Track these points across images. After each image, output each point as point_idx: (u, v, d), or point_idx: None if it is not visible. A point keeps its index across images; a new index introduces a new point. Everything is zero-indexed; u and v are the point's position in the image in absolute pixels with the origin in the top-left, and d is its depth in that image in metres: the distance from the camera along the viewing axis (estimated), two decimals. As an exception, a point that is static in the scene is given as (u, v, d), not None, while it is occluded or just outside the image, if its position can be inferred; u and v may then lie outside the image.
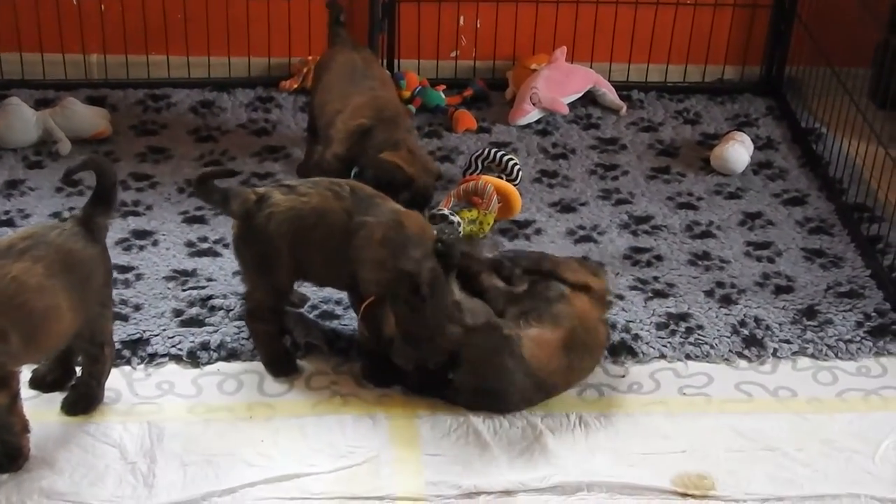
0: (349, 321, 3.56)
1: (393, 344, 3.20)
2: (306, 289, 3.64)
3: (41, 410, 3.08)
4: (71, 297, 2.92)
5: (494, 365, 3.19)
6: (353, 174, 3.87)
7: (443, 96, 4.84)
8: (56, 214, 4.01)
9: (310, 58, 4.87)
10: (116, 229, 3.91)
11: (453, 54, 5.05)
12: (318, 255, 3.27)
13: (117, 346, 3.34)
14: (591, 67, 4.95)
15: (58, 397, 3.20)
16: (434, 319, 3.13)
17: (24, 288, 2.82)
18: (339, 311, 3.60)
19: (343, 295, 3.58)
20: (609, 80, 4.94)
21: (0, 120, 4.38)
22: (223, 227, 3.99)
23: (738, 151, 4.47)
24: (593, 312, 3.35)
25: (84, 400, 3.16)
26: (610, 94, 4.90)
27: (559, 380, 3.27)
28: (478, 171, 4.19)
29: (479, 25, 5.01)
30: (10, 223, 3.96)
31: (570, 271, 3.41)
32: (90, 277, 3.00)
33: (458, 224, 3.88)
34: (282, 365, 3.38)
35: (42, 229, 2.98)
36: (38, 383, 3.20)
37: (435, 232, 3.35)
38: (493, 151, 4.24)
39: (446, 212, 3.88)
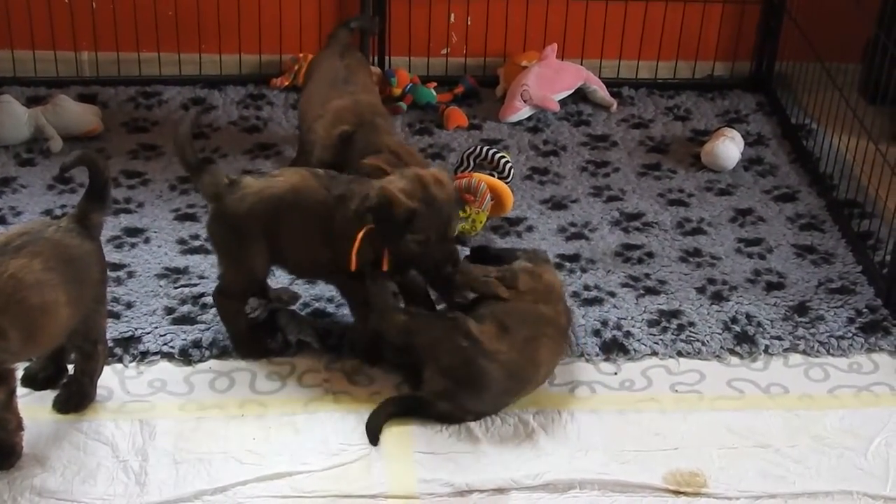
0: (341, 318, 3.56)
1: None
2: (298, 286, 3.64)
3: (33, 408, 3.08)
4: (68, 292, 2.92)
5: (451, 346, 3.17)
6: None
7: (434, 93, 4.84)
8: (48, 212, 4.01)
9: (301, 55, 4.87)
10: (108, 227, 3.90)
11: (444, 51, 5.05)
12: (296, 235, 3.27)
13: (109, 343, 3.33)
14: (581, 64, 4.96)
15: (50, 395, 3.20)
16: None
17: (21, 284, 2.82)
18: (330, 308, 3.60)
19: (334, 293, 3.58)
20: (599, 77, 4.95)
21: (-9, 117, 4.38)
22: (215, 225, 3.99)
23: (729, 148, 4.48)
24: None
25: (76, 398, 3.16)
26: (600, 91, 4.91)
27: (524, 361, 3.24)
28: (469, 169, 4.19)
29: (469, 22, 5.01)
30: (1, 220, 3.96)
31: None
32: (86, 273, 3.01)
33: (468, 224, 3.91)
34: (249, 345, 3.40)
35: (37, 226, 2.99)
36: (30, 381, 3.20)
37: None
38: (484, 149, 4.24)
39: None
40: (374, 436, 3.12)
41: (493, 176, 4.13)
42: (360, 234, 3.15)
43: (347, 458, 3.09)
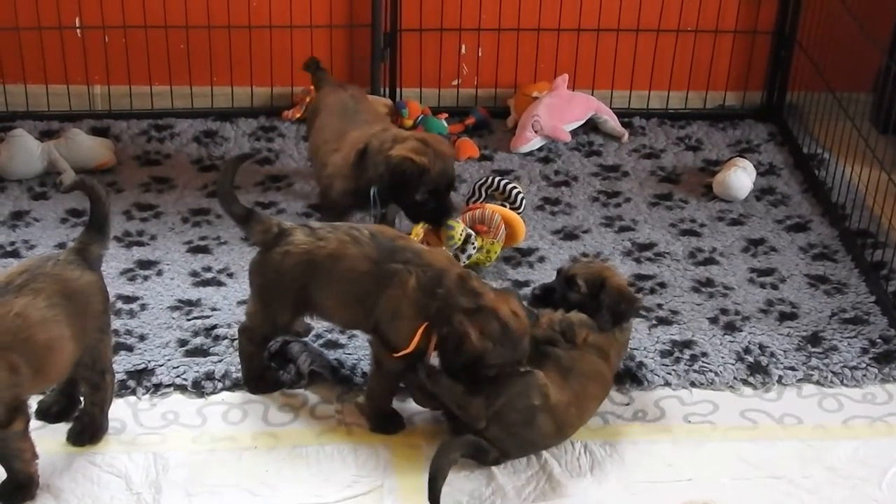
0: (353, 350, 3.56)
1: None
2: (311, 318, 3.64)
3: (47, 441, 3.08)
4: (72, 325, 2.94)
5: (525, 405, 3.13)
6: (371, 194, 3.77)
7: (445, 125, 4.86)
8: (61, 245, 4.02)
9: (312, 87, 4.89)
10: (121, 259, 3.93)
11: (455, 83, 5.08)
12: (334, 300, 3.26)
13: (122, 376, 3.35)
14: (592, 95, 4.98)
15: (63, 428, 3.20)
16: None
17: (28, 322, 2.85)
18: (343, 340, 3.60)
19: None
20: (610, 108, 4.96)
21: (4, 151, 4.41)
22: (227, 257, 4.00)
23: (741, 178, 4.48)
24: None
25: (89, 430, 3.17)
26: (611, 122, 4.92)
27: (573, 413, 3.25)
28: (481, 199, 4.20)
29: (480, 54, 5.03)
30: (15, 254, 3.97)
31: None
32: (88, 305, 3.02)
33: (476, 249, 3.90)
34: (260, 383, 3.41)
35: (37, 261, 3.01)
36: (43, 414, 3.21)
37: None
38: (496, 179, 4.24)
39: (471, 232, 3.89)
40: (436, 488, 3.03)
41: (504, 206, 4.14)
42: (422, 328, 3.11)
43: (360, 490, 3.09)
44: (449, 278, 3.14)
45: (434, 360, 3.18)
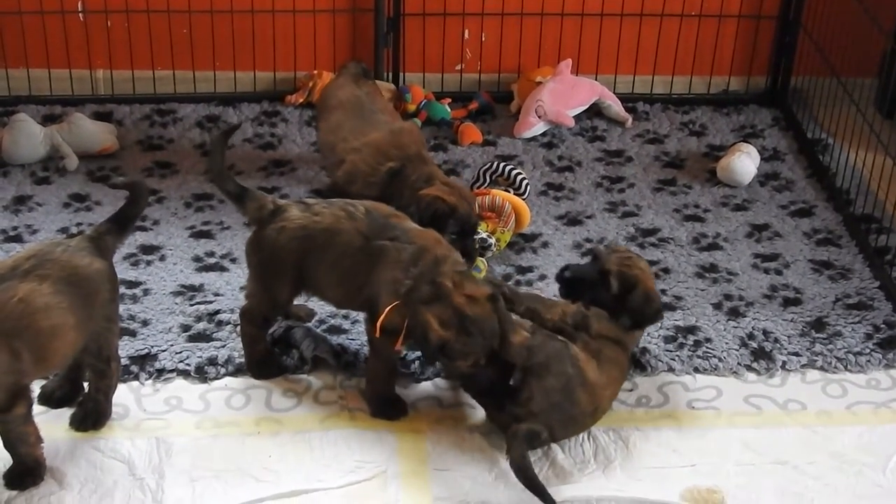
0: (356, 336, 3.55)
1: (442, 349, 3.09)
2: (313, 303, 3.64)
3: (50, 426, 3.08)
4: (77, 313, 2.93)
5: (560, 370, 3.13)
6: None
7: (448, 109, 4.84)
8: (64, 230, 4.02)
9: (315, 72, 4.88)
10: (124, 244, 3.90)
11: (458, 67, 5.06)
12: (328, 275, 3.27)
13: (125, 361, 3.34)
14: (596, 79, 4.96)
15: (66, 413, 3.20)
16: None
17: (31, 308, 2.84)
18: (346, 325, 3.60)
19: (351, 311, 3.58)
20: (614, 92, 4.95)
21: (7, 136, 4.40)
22: (230, 242, 4.00)
23: (745, 163, 4.46)
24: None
25: (93, 415, 3.17)
26: (615, 107, 4.91)
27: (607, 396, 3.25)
28: (485, 185, 4.19)
29: (484, 38, 5.02)
30: (18, 239, 3.97)
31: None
32: (96, 293, 3.01)
33: (494, 245, 3.89)
34: (263, 368, 3.40)
35: (46, 247, 3.00)
36: (46, 399, 3.21)
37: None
38: (500, 165, 4.23)
39: (483, 234, 3.87)
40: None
41: (508, 192, 4.12)
42: (388, 309, 3.11)
43: (363, 476, 3.09)
44: (425, 259, 3.13)
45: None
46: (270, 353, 3.43)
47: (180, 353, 3.44)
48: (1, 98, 4.82)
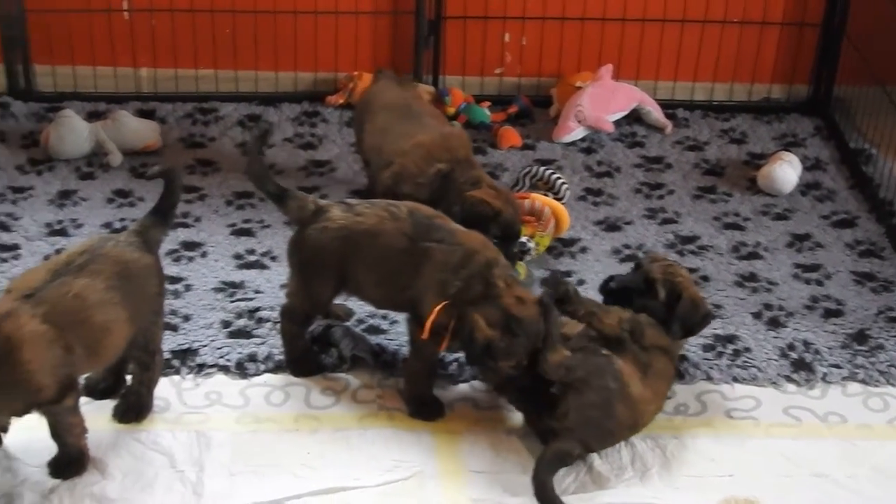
0: (395, 336, 3.57)
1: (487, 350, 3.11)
2: (352, 303, 3.65)
3: (93, 417, 3.09)
4: (128, 308, 2.97)
5: (600, 384, 3.12)
6: None
7: (487, 113, 4.85)
8: (107, 225, 4.06)
9: (356, 73, 4.90)
10: (166, 240, 3.90)
11: (498, 71, 5.07)
12: (371, 276, 3.28)
13: (167, 355, 3.37)
14: (636, 85, 4.96)
15: (109, 405, 3.23)
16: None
17: (86, 304, 2.88)
18: (384, 325, 3.61)
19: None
20: (654, 98, 4.94)
21: (53, 131, 4.45)
22: (270, 240, 4.02)
23: (786, 172, 4.45)
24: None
25: (135, 408, 3.20)
26: (655, 113, 4.90)
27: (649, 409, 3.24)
28: (525, 188, 4.20)
29: (524, 42, 5.03)
30: (62, 233, 4.01)
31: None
32: (145, 288, 3.05)
33: (533, 249, 3.89)
34: (302, 365, 3.42)
35: (97, 242, 3.03)
36: (90, 391, 3.24)
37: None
38: (540, 169, 4.24)
39: (523, 238, 3.86)
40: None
41: (547, 196, 4.13)
42: (437, 309, 3.13)
43: (400, 475, 3.09)
44: (475, 261, 3.15)
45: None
46: (310, 351, 3.45)
47: (221, 348, 3.47)
48: (47, 94, 4.87)
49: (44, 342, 2.80)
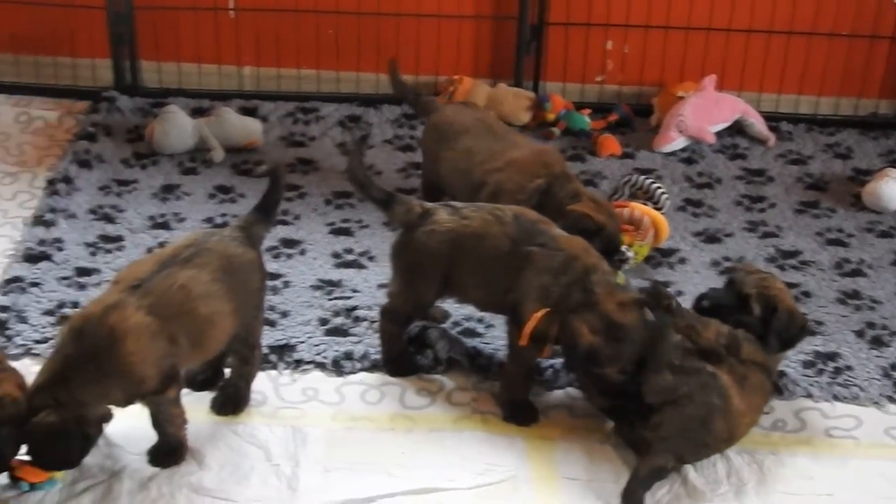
0: (491, 340, 3.57)
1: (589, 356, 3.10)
2: (449, 305, 3.66)
3: (191, 409, 3.14)
4: (232, 301, 3.01)
5: (703, 400, 3.09)
6: None
7: (587, 120, 4.83)
8: (209, 220, 4.12)
9: (456, 77, 4.92)
10: (267, 237, 3.98)
11: (599, 78, 5.05)
12: (475, 278, 3.28)
13: (265, 350, 3.41)
14: (739, 97, 4.89)
15: (207, 397, 3.28)
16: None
17: (191, 296, 2.93)
18: (481, 329, 3.61)
19: (485, 314, 3.60)
20: (758, 111, 4.87)
21: (158, 126, 4.53)
22: (368, 240, 4.05)
23: (892, 188, 4.35)
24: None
25: (233, 401, 3.24)
26: (758, 125, 4.83)
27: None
28: (624, 197, 4.16)
29: (626, 50, 4.99)
30: (165, 226, 4.08)
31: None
32: (248, 282, 3.09)
33: (631, 258, 3.87)
34: (399, 366, 3.44)
35: (202, 236, 3.08)
36: (189, 382, 3.29)
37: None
38: (640, 178, 4.20)
39: (622, 247, 3.83)
40: None
41: (647, 205, 4.09)
42: (538, 316, 3.13)
43: (494, 479, 3.09)
44: (576, 267, 3.15)
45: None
46: (406, 352, 3.47)
47: (318, 345, 3.50)
48: (152, 90, 4.97)
49: (148, 334, 2.85)
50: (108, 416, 2.96)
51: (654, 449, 3.06)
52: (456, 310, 3.65)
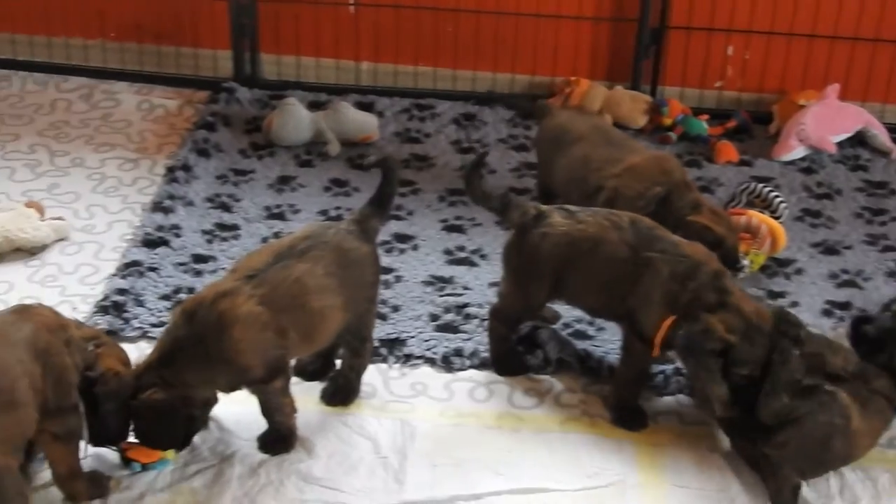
0: (601, 343, 3.54)
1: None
2: (559, 306, 3.63)
3: (301, 398, 3.18)
4: (345, 295, 3.04)
5: (825, 420, 3.03)
6: None
7: (705, 126, 4.77)
8: (323, 212, 4.16)
9: (573, 78, 4.89)
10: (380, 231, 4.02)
11: (718, 84, 4.97)
12: (588, 283, 3.26)
13: (375, 343, 3.42)
14: (862, 107, 4.77)
15: (317, 386, 3.31)
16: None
17: (305, 289, 2.96)
18: (591, 331, 3.59)
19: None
20: (882, 122, 4.75)
21: (277, 118, 4.59)
22: (481, 238, 4.05)
23: None
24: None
25: (343, 392, 3.27)
26: (882, 136, 4.71)
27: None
28: (741, 205, 4.10)
29: (747, 57, 4.91)
30: (280, 216, 4.14)
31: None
32: (362, 276, 3.11)
33: (747, 266, 3.81)
34: (508, 365, 3.43)
35: (318, 228, 3.11)
36: (299, 372, 3.32)
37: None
38: (758, 186, 4.13)
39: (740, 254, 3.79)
40: None
41: (764, 214, 4.02)
42: (670, 321, 3.11)
43: (601, 482, 3.07)
44: (703, 272, 3.11)
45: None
46: (515, 352, 3.46)
47: (428, 341, 3.51)
48: (271, 82, 5.04)
49: (257, 324, 2.88)
50: (213, 400, 3.01)
51: (785, 468, 3.01)
52: (567, 311, 3.63)
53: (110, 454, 3.03)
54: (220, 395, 3.04)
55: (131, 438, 2.99)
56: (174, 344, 2.89)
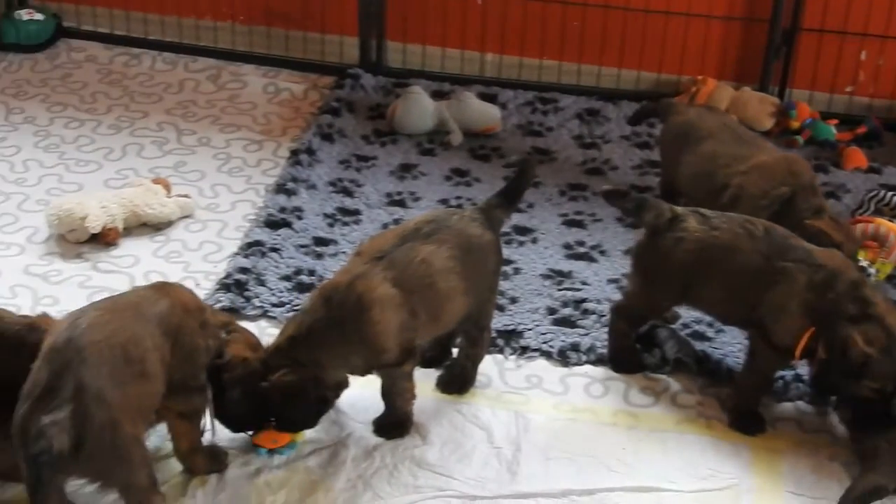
0: (720, 345, 3.49)
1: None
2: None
3: (418, 384, 3.18)
4: (467, 280, 3.05)
5: None
6: None
7: (833, 131, 4.66)
8: (444, 201, 4.18)
9: (700, 77, 4.82)
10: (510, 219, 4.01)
11: (849, 89, 4.86)
12: (718, 291, 3.22)
13: (492, 334, 3.42)
14: None
15: (433, 373, 3.33)
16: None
17: (431, 269, 2.99)
18: (710, 333, 3.54)
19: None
20: None
21: (401, 106, 4.62)
22: (601, 234, 4.03)
23: None
24: None
25: (459, 380, 3.28)
26: None
27: None
28: (869, 212, 4.01)
29: (881, 62, 4.79)
30: (401, 203, 4.17)
31: None
32: (484, 263, 3.12)
33: (873, 275, 3.73)
34: (625, 362, 3.40)
35: (443, 214, 3.14)
36: (417, 358, 3.35)
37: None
38: (888, 194, 4.03)
39: (863, 263, 3.70)
40: None
41: (893, 222, 3.92)
42: (809, 333, 3.07)
43: (716, 485, 3.03)
44: (841, 282, 3.06)
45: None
46: (633, 350, 3.43)
47: (545, 334, 3.50)
48: (395, 70, 5.07)
49: (393, 305, 2.92)
50: (344, 383, 3.05)
51: (881, 465, 2.94)
52: (686, 311, 3.58)
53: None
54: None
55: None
56: (311, 326, 2.91)
